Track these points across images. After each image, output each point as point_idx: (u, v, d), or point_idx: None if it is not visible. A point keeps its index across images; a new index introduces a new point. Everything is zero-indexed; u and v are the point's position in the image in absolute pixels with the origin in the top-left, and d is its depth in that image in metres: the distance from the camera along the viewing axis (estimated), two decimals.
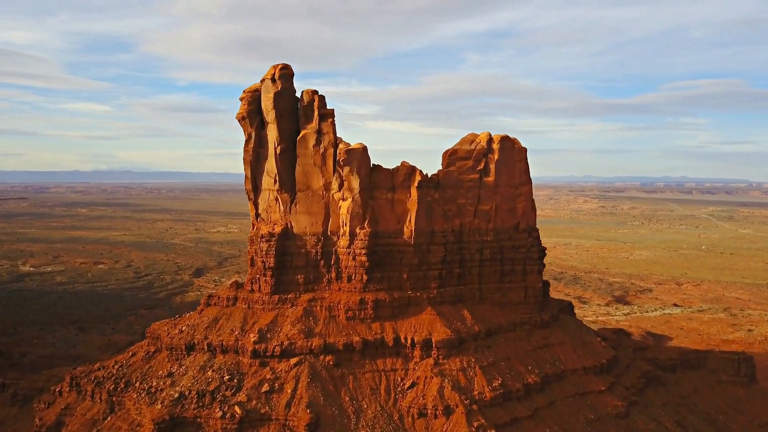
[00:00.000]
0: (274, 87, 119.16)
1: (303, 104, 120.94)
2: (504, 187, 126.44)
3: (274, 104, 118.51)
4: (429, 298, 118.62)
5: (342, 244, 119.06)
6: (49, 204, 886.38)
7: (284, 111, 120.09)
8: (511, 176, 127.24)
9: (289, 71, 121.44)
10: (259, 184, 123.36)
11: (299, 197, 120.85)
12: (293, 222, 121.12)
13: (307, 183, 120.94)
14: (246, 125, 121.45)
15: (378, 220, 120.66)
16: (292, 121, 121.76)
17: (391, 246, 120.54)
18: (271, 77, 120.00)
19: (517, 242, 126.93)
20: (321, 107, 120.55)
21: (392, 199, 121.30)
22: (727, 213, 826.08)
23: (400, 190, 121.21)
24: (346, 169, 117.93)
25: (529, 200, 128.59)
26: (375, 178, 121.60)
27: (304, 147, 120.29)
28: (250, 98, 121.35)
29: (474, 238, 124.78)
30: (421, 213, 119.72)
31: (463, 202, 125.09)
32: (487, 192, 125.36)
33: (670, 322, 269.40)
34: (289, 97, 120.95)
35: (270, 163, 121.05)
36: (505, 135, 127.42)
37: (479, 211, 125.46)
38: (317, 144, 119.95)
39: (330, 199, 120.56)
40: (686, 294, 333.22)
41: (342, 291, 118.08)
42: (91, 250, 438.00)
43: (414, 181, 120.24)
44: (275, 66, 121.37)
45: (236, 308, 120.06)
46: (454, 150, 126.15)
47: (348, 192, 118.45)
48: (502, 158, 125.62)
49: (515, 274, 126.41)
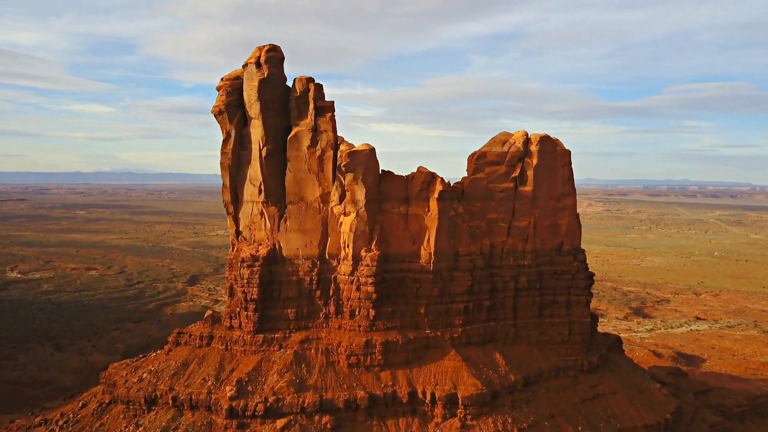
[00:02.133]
0: (259, 73, 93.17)
1: (295, 95, 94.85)
2: (544, 198, 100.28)
3: (258, 95, 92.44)
4: (452, 339, 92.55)
5: (343, 271, 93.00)
6: (47, 206, 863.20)
7: (272, 103, 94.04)
8: (552, 185, 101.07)
9: (278, 54, 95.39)
10: (240, 194, 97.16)
11: (290, 211, 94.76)
12: (282, 242, 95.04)
13: (300, 193, 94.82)
14: (224, 121, 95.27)
15: (389, 240, 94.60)
16: (282, 116, 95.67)
17: (405, 273, 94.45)
18: (255, 61, 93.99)
19: (561, 267, 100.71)
20: (317, 99, 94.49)
21: (406, 214, 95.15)
22: (734, 217, 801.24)
23: (416, 202, 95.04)
24: (348, 177, 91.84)
25: (573, 215, 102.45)
26: (385, 187, 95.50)
27: (297, 148, 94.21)
28: (230, 88, 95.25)
29: (508, 262, 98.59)
30: (442, 231, 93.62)
31: (495, 217, 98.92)
32: (523, 205, 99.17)
33: (700, 340, 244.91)
34: (277, 86, 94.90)
35: (253, 169, 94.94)
36: (545, 134, 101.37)
37: (514, 229, 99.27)
38: (313, 145, 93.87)
39: (329, 214, 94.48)
40: (707, 305, 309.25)
41: (343, 330, 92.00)
42: (85, 254, 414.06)
43: (434, 192, 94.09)
44: (260, 47, 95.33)
45: (211, 350, 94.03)
46: (482, 152, 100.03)
47: (351, 205, 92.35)
48: (542, 163, 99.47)
49: (558, 307, 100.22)
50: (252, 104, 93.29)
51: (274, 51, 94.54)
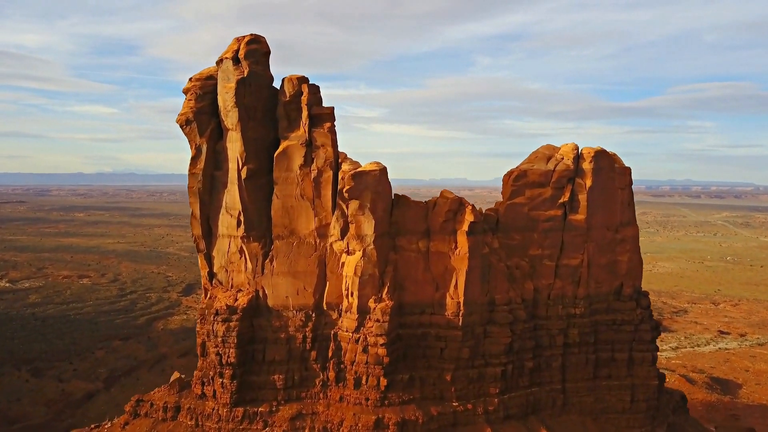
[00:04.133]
0: (238, 71, 70.98)
1: (284, 99, 72.73)
2: (600, 229, 78.15)
3: (237, 99, 70.32)
4: (487, 413, 70.50)
5: (346, 326, 70.93)
6: (46, 208, 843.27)
7: (254, 110, 71.96)
8: (610, 212, 78.94)
9: (262, 46, 73.19)
10: (214, 226, 75.01)
11: (278, 248, 72.77)
12: (268, 288, 73.03)
13: (291, 225, 72.78)
14: (192, 133, 73.02)
15: (405, 286, 72.55)
16: (267, 126, 73.64)
17: (427, 328, 72.37)
18: (232, 56, 71.77)
19: (621, 315, 78.52)
20: (313, 104, 72.32)
21: (427, 252, 73.03)
22: (742, 219, 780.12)
23: (439, 236, 72.88)
24: (353, 205, 69.79)
25: (635, 250, 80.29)
26: (399, 217, 73.39)
27: (286, 168, 72.20)
28: (200, 90, 73.00)
29: (555, 311, 76.41)
30: (474, 274, 71.51)
31: (538, 253, 76.78)
32: (574, 238, 77.04)
33: (731, 360, 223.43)
34: (261, 89, 72.80)
35: (231, 194, 72.86)
36: (600, 148, 79.28)
37: (563, 268, 77.11)
38: (307, 163, 71.79)
39: (327, 252, 72.45)
40: (728, 317, 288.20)
41: (346, 403, 69.90)
42: (80, 260, 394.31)
43: (462, 223, 71.87)
44: (239, 38, 73.13)
45: (177, 425, 72.09)
46: (522, 171, 77.80)
47: (356, 241, 70.29)
48: (598, 184, 77.31)
49: (617, 366, 78.07)
50: (228, 111, 71.12)
51: (257, 43, 72.32)
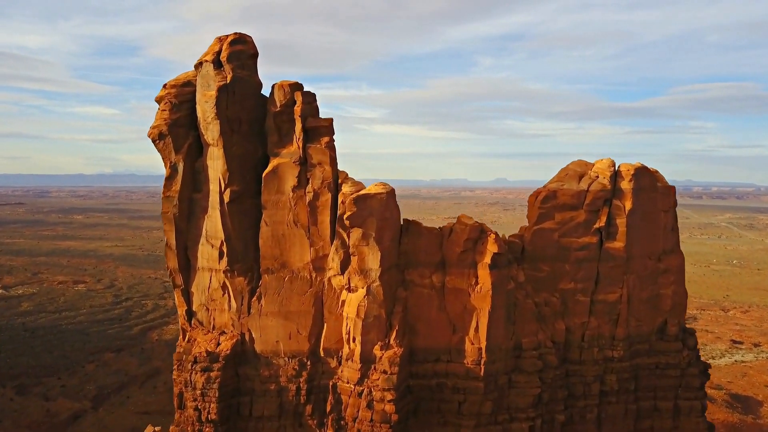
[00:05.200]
0: (220, 77, 59.80)
1: (275, 109, 61.51)
2: (641, 258, 66.91)
3: (218, 110, 59.13)
4: None
5: (347, 377, 59.75)
6: (45, 210, 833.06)
7: (239, 123, 60.74)
8: (652, 239, 67.72)
9: (248, 47, 61.93)
10: (192, 258, 63.75)
11: (267, 284, 61.60)
12: (255, 330, 61.88)
13: (282, 257, 61.60)
14: (166, 149, 61.80)
15: (416, 329, 61.41)
16: (255, 141, 62.39)
17: (442, 378, 61.14)
18: (213, 58, 60.61)
19: (665, 358, 67.25)
20: (308, 115, 61.13)
21: (442, 288, 61.87)
22: (745, 220, 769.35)
23: (456, 270, 61.67)
24: (355, 234, 58.61)
25: (680, 281, 69.07)
26: (410, 246, 62.22)
27: (277, 190, 61.05)
28: (176, 99, 61.79)
29: (591, 355, 65.15)
30: (498, 314, 60.34)
31: (571, 287, 65.56)
32: (612, 269, 65.80)
33: (748, 375, 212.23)
34: (247, 97, 61.54)
35: (212, 221, 61.68)
36: (641, 165, 68.13)
37: (599, 305, 65.90)
38: (301, 184, 60.62)
39: (325, 289, 61.28)
40: (738, 324, 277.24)
41: None
42: (76, 264, 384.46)
43: (484, 254, 60.64)
44: (221, 38, 61.96)
45: None
46: (551, 191, 66.56)
47: (359, 276, 59.08)
48: (639, 206, 66.09)
49: (661, 417, 66.74)
50: (209, 124, 59.97)
51: (242, 43, 61.10)
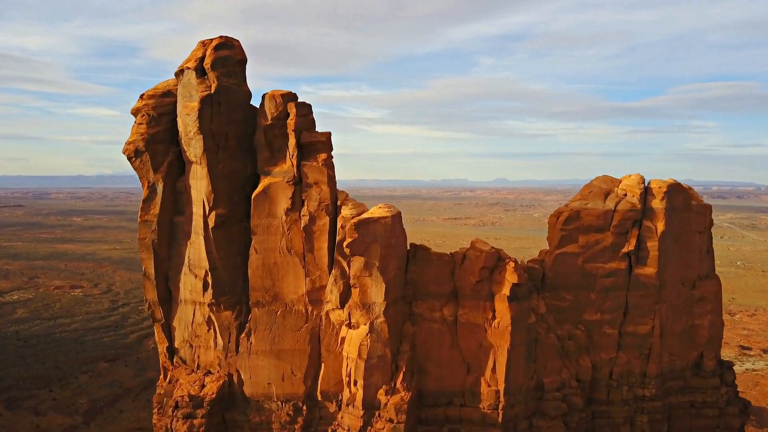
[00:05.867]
0: (203, 86, 52.74)
1: (265, 123, 54.39)
2: (674, 285, 59.86)
3: (202, 123, 52.07)
4: None
5: (349, 424, 52.62)
6: (44, 212, 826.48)
7: (225, 137, 53.67)
8: (686, 263, 60.65)
9: (236, 53, 54.77)
10: (174, 289, 56.71)
11: (257, 319, 54.54)
12: (245, 371, 54.81)
13: (274, 289, 54.57)
14: (144, 168, 54.79)
15: (426, 368, 54.33)
16: (243, 158, 55.27)
17: (455, 424, 53.95)
18: (196, 65, 53.56)
19: (701, 396, 60.18)
20: (303, 128, 54.05)
21: (455, 322, 54.81)
22: (747, 220, 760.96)
23: (470, 301, 54.60)
24: (357, 263, 51.53)
25: (717, 310, 62.00)
26: (417, 275, 55.16)
27: (268, 213, 53.97)
28: (154, 111, 54.71)
29: (619, 395, 58.03)
30: (517, 351, 53.25)
31: (597, 318, 58.49)
32: (643, 298, 58.73)
33: (761, 384, 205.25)
34: (234, 108, 54.45)
35: (195, 248, 54.62)
36: (674, 181, 61.09)
37: (628, 338, 58.81)
38: (295, 207, 53.55)
39: (322, 324, 54.22)
40: (746, 329, 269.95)
41: None
42: (74, 268, 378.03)
43: (502, 285, 53.57)
44: (205, 42, 54.90)
45: None
46: (573, 211, 59.46)
47: (361, 311, 52.00)
48: (672, 228, 59.03)
49: None
50: (191, 139, 52.92)
51: (228, 48, 53.99)
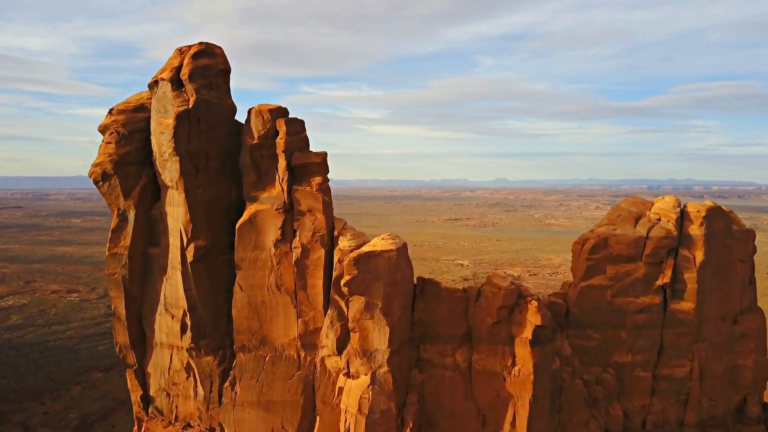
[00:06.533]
0: (180, 99, 45.66)
1: (252, 140, 47.20)
2: (714, 321, 52.83)
3: (178, 142, 45.02)
4: None
5: None
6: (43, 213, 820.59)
7: (206, 157, 46.60)
8: (727, 296, 53.64)
9: (218, 61, 47.62)
10: (148, 330, 49.59)
11: (243, 366, 47.46)
12: (228, 425, 47.45)
13: (262, 332, 47.48)
14: (113, 194, 47.76)
15: (436, 422, 47.17)
16: (226, 181, 48.19)
17: None
18: (171, 75, 46.49)
19: None
20: (294, 147, 46.96)
21: (469, 368, 47.69)
22: (749, 221, 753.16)
23: (487, 345, 47.49)
24: (356, 303, 44.47)
25: (761, 347, 54.94)
26: (427, 314, 48.10)
27: (254, 245, 46.87)
28: (124, 129, 47.74)
29: None
30: (541, 403, 46.18)
31: (628, 360, 51.44)
32: (680, 337, 51.70)
33: None
34: (216, 125, 47.29)
35: (173, 285, 47.55)
36: (713, 204, 54.05)
37: (663, 382, 51.75)
38: (285, 238, 46.44)
39: (317, 372, 47.14)
40: None
41: None
42: (71, 271, 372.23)
43: (523, 326, 46.48)
44: (183, 49, 47.80)
45: None
46: (601, 238, 52.36)
47: (362, 359, 44.92)
48: (713, 257, 51.99)
49: None
50: (166, 161, 45.88)
51: (209, 56, 46.89)
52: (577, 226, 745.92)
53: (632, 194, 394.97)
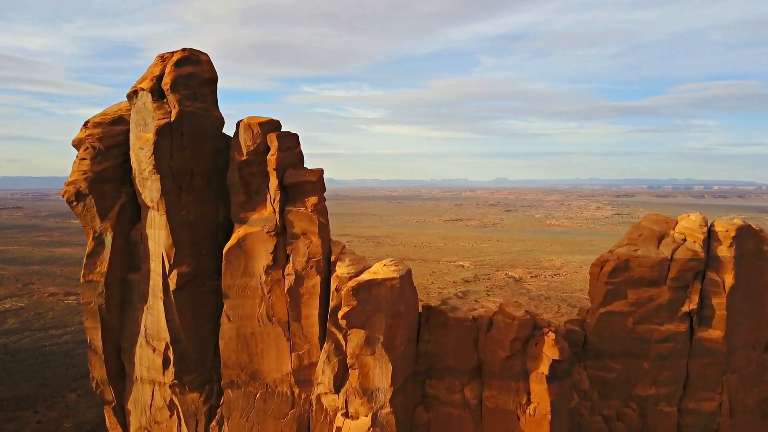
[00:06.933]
0: (161, 111, 41.34)
1: (240, 157, 42.87)
2: (745, 350, 48.48)
3: (159, 159, 40.69)
4: None
5: None
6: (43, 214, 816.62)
7: (190, 175, 42.29)
8: (759, 322, 49.26)
9: (203, 69, 43.20)
10: (128, 364, 45.23)
11: (231, 403, 43.14)
12: None
13: (252, 366, 43.16)
14: (88, 215, 43.51)
15: None
16: (213, 201, 43.84)
17: None
18: (152, 85, 42.17)
19: None
20: (287, 164, 42.71)
21: (479, 406, 43.46)
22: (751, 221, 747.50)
23: (499, 381, 43.17)
24: (355, 338, 40.17)
25: None
26: (433, 346, 43.78)
27: (244, 272, 42.53)
28: (101, 143, 43.44)
29: None
30: None
31: (652, 393, 47.11)
32: (708, 367, 47.40)
33: None
34: (202, 139, 42.98)
35: (154, 315, 43.23)
36: (743, 223, 49.90)
37: (690, 417, 47.34)
38: (277, 263, 42.11)
39: (313, 410, 42.80)
40: None
41: None
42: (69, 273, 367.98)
43: (539, 361, 42.18)
44: (165, 56, 43.45)
45: None
46: (622, 260, 47.97)
47: (361, 399, 40.61)
48: (743, 280, 47.64)
49: None
50: (146, 179, 41.56)
51: (194, 63, 42.53)
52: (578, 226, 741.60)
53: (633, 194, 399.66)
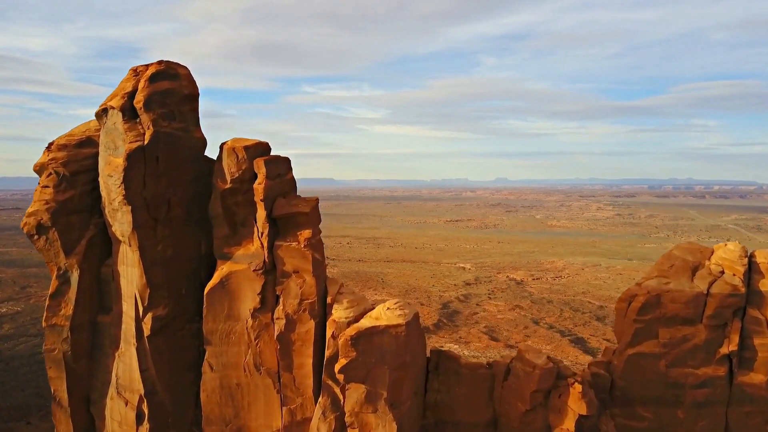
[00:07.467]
0: (132, 132, 36.09)
1: (223, 185, 37.67)
2: None
3: (129, 188, 35.51)
4: None
5: None
6: None
7: (167, 204, 37.13)
8: None
9: (182, 85, 37.93)
10: (98, 419, 40.12)
11: None
12: None
13: (238, 422, 37.89)
14: (51, 250, 38.28)
15: None
16: (192, 234, 38.61)
17: None
18: (123, 103, 36.92)
19: None
20: (277, 193, 37.48)
21: None
22: (752, 221, 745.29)
23: None
24: (355, 393, 34.91)
25: None
26: (443, 396, 38.53)
27: (228, 315, 37.31)
28: (67, 169, 38.24)
29: None
30: None
31: None
32: (750, 416, 42.13)
33: None
34: (181, 164, 37.74)
35: (126, 363, 38.03)
36: None
37: None
38: (265, 307, 36.94)
39: None
40: None
41: None
42: None
43: (564, 415, 36.95)
44: (138, 69, 38.25)
45: None
46: (653, 294, 42.65)
47: None
48: None
49: None
50: (116, 211, 36.31)
51: (170, 78, 37.24)
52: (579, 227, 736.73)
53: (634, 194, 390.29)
